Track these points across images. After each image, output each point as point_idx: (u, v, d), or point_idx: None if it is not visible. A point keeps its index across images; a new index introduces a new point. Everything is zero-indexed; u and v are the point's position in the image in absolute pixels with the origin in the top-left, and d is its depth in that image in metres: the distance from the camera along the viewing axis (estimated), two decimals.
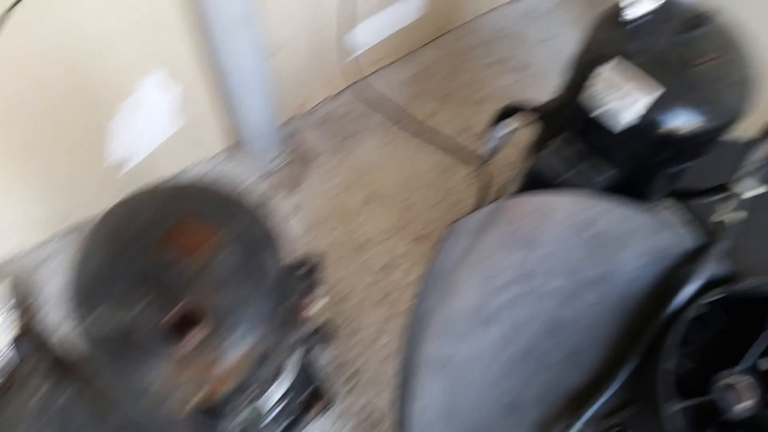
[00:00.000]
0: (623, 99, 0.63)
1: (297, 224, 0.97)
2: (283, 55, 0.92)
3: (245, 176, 1.01)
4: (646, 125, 0.63)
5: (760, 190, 0.62)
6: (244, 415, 0.57)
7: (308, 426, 0.81)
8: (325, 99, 1.09)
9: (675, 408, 0.55)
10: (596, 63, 0.64)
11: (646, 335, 0.61)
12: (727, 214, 0.64)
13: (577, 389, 0.63)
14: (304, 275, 0.62)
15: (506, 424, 0.64)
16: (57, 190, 0.84)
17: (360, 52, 1.04)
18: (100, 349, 0.43)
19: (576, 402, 0.63)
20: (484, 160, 0.80)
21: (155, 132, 0.88)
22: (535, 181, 0.71)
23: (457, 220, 0.65)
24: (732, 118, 0.64)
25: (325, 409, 0.82)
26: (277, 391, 0.66)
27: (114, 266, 0.43)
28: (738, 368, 0.60)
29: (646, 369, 0.62)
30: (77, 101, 0.76)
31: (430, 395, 0.63)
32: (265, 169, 1.00)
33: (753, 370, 0.62)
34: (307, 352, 0.82)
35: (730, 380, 0.60)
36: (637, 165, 0.69)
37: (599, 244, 0.66)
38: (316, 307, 0.59)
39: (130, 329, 0.41)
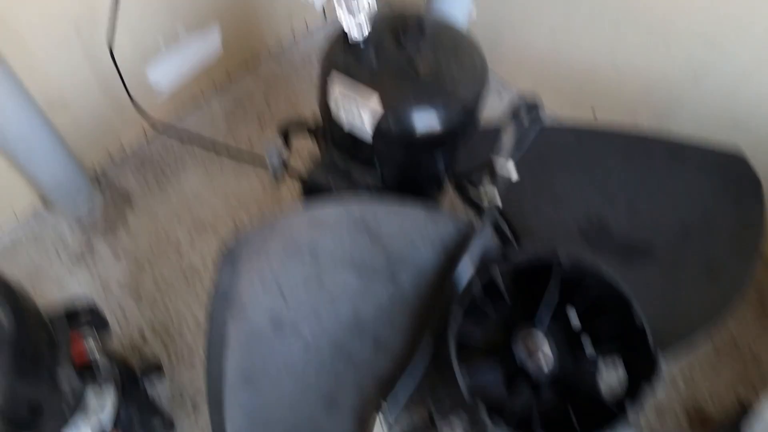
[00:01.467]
0: (357, 114, 0.68)
1: (121, 267, 0.96)
2: (74, 109, 0.92)
3: (61, 231, 0.99)
4: (386, 132, 0.68)
5: (512, 170, 0.67)
6: None
7: None
8: (140, 142, 1.09)
9: (466, 382, 0.59)
10: (328, 84, 0.68)
11: (435, 318, 0.65)
12: (487, 194, 0.69)
13: (387, 375, 0.67)
14: (86, 322, 0.62)
15: (329, 418, 0.66)
16: None
17: (165, 94, 1.05)
18: None
19: (387, 387, 0.65)
20: (276, 175, 0.83)
21: None
22: (312, 189, 0.74)
23: (231, 242, 0.66)
24: (468, 111, 0.69)
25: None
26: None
27: None
28: (534, 328, 0.65)
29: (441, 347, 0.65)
30: None
31: (245, 406, 0.64)
32: (83, 220, 0.99)
33: (549, 327, 0.67)
34: (140, 384, 0.82)
35: (525, 338, 0.65)
36: (400, 165, 0.74)
37: (380, 243, 0.70)
38: (90, 344, 0.59)
39: None
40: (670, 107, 0.95)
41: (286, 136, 0.80)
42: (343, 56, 0.68)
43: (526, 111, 0.64)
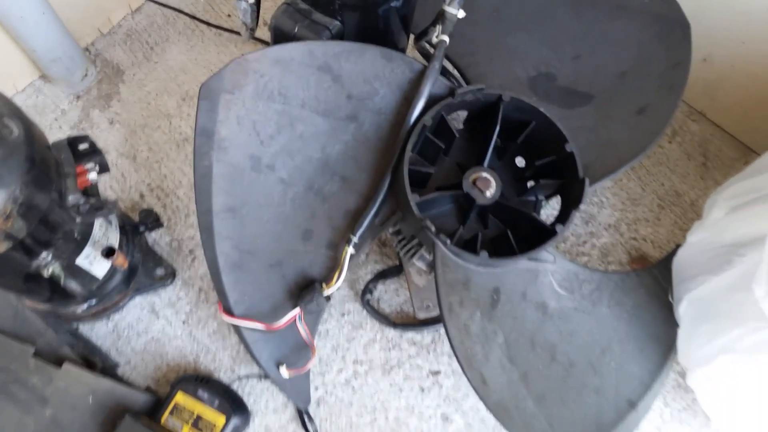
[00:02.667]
0: None
1: (119, 133, 1.04)
2: None
3: (59, 101, 1.06)
4: None
5: (461, 13, 0.73)
6: (55, 268, 0.67)
7: (159, 293, 0.93)
8: (125, 15, 1.14)
9: (416, 202, 0.69)
10: None
11: (395, 155, 0.73)
12: (438, 37, 0.75)
13: (354, 209, 0.76)
14: (87, 150, 0.71)
15: (305, 246, 0.76)
16: None
17: None
18: None
19: (354, 220, 0.75)
20: (251, 30, 0.88)
21: None
22: (280, 35, 0.80)
23: (208, 79, 0.74)
24: None
25: (170, 278, 0.93)
26: (97, 256, 0.76)
27: None
28: (481, 166, 0.74)
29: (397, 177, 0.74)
30: None
31: (232, 237, 0.74)
32: (76, 91, 1.06)
33: (497, 167, 0.77)
34: (140, 234, 0.92)
35: (474, 174, 0.74)
36: (358, 13, 0.78)
37: (342, 84, 0.77)
38: (92, 176, 0.68)
39: None
40: None
41: None
42: None
43: None
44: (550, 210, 0.94)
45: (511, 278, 0.72)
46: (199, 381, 0.83)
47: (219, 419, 0.80)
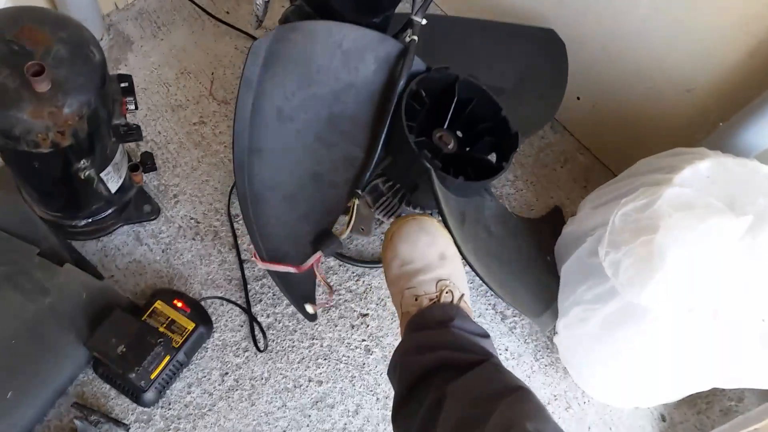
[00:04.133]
0: None
1: None
2: None
3: None
4: None
5: (423, 21, 0.99)
6: (91, 173, 0.85)
7: (144, 225, 1.11)
8: None
9: (413, 140, 0.92)
10: None
11: (386, 115, 0.95)
12: (410, 37, 0.99)
13: (352, 157, 0.97)
14: (127, 86, 0.90)
15: (314, 187, 0.96)
16: None
17: None
18: None
19: (354, 166, 0.97)
20: (260, 21, 1.11)
21: None
22: None
23: (259, 39, 0.91)
24: None
25: (155, 215, 1.12)
26: (114, 175, 0.94)
27: None
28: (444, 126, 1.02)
29: (391, 135, 0.96)
30: None
31: (258, 172, 0.92)
32: None
33: (455, 127, 1.05)
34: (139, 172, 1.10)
35: (438, 133, 1.00)
36: (350, 12, 0.98)
37: (347, 58, 0.96)
38: (131, 107, 0.88)
39: (3, 85, 0.69)
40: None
41: None
42: None
43: None
44: None
45: (470, 207, 1.01)
46: (176, 293, 1.02)
47: (189, 325, 0.99)
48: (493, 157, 1.05)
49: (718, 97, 1.04)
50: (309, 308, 0.97)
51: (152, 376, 0.93)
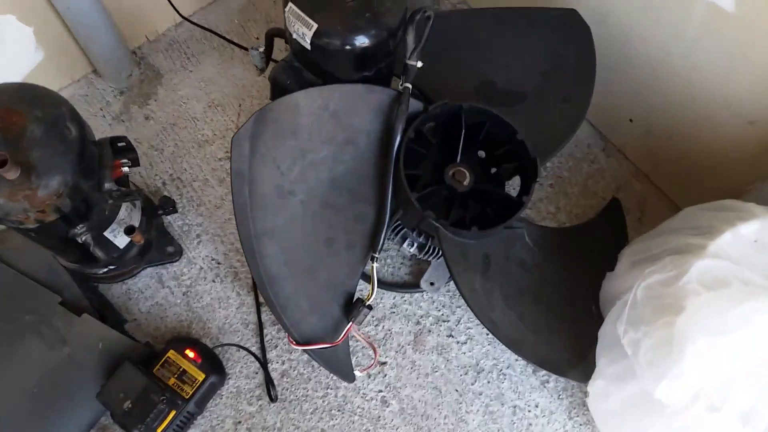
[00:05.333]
0: (301, 29, 0.88)
1: (152, 127, 1.24)
2: None
3: (105, 94, 1.26)
4: (321, 46, 0.89)
5: (419, 63, 0.91)
6: (87, 238, 0.86)
7: (167, 267, 1.12)
8: (170, 27, 1.34)
9: (415, 197, 0.88)
10: (286, 4, 0.89)
11: (387, 163, 0.91)
12: (405, 80, 0.93)
13: (365, 213, 0.94)
14: (124, 147, 0.90)
15: (330, 252, 0.94)
16: None
17: None
18: None
19: (366, 222, 0.94)
20: (261, 70, 1.07)
21: (20, 63, 1.12)
22: (277, 86, 0.98)
23: (236, 132, 0.90)
24: (386, 34, 0.90)
25: (178, 256, 1.12)
26: (120, 231, 0.95)
27: None
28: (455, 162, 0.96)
29: (396, 188, 0.92)
30: None
31: (271, 253, 0.91)
32: (121, 87, 1.26)
33: (467, 161, 0.97)
34: (158, 216, 1.11)
35: (451, 170, 0.93)
36: (340, 71, 0.95)
37: (337, 117, 0.94)
38: (125, 169, 0.87)
39: None
40: None
41: (271, 39, 1.03)
42: None
43: (420, 13, 0.88)
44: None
45: (495, 246, 0.94)
46: (189, 342, 1.02)
47: (200, 376, 0.99)
48: (517, 183, 0.96)
49: None
50: (358, 373, 0.99)
51: (158, 431, 0.94)
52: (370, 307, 0.92)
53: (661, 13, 0.96)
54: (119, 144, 0.89)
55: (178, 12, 1.26)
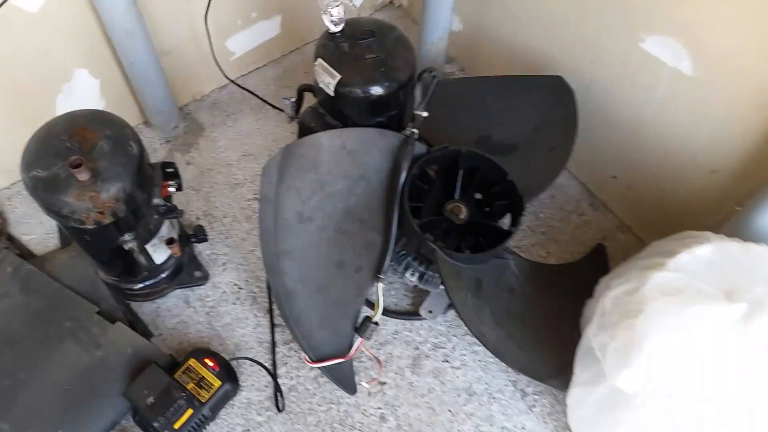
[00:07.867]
0: (327, 79, 1.07)
1: (192, 171, 1.41)
2: (173, 57, 1.37)
3: (153, 142, 1.45)
4: (343, 94, 1.07)
5: (425, 113, 1.08)
6: (133, 246, 1.00)
7: (194, 289, 1.25)
8: (214, 89, 1.55)
9: (417, 224, 1.02)
10: (316, 59, 1.09)
11: (394, 197, 1.06)
12: (412, 127, 1.09)
13: (371, 241, 1.08)
14: (172, 171, 1.06)
15: (341, 273, 1.07)
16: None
17: (237, 56, 1.50)
18: (40, 187, 0.87)
19: (374, 249, 1.07)
20: (291, 118, 1.25)
21: None
22: (304, 127, 1.16)
23: (267, 161, 1.07)
24: (397, 86, 1.08)
25: (204, 280, 1.25)
26: (160, 246, 1.09)
27: (44, 148, 0.87)
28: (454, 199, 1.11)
29: (401, 218, 1.06)
30: (32, 82, 1.20)
31: (288, 271, 1.05)
32: (168, 136, 1.45)
33: (464, 199, 1.12)
34: (191, 243, 1.26)
35: (450, 205, 1.08)
36: (357, 116, 1.13)
37: (353, 156, 1.10)
38: (171, 189, 1.03)
39: (54, 175, 0.86)
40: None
41: (302, 93, 1.22)
42: (323, 47, 1.09)
43: (427, 73, 1.05)
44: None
45: (487, 272, 1.06)
46: (208, 353, 1.13)
47: (216, 382, 1.09)
48: (508, 223, 1.10)
49: (740, 180, 1.01)
50: (364, 385, 1.11)
51: (176, 426, 1.03)
52: (376, 324, 1.04)
53: (635, 78, 1.12)
54: (168, 170, 1.05)
55: (225, 75, 1.46)
